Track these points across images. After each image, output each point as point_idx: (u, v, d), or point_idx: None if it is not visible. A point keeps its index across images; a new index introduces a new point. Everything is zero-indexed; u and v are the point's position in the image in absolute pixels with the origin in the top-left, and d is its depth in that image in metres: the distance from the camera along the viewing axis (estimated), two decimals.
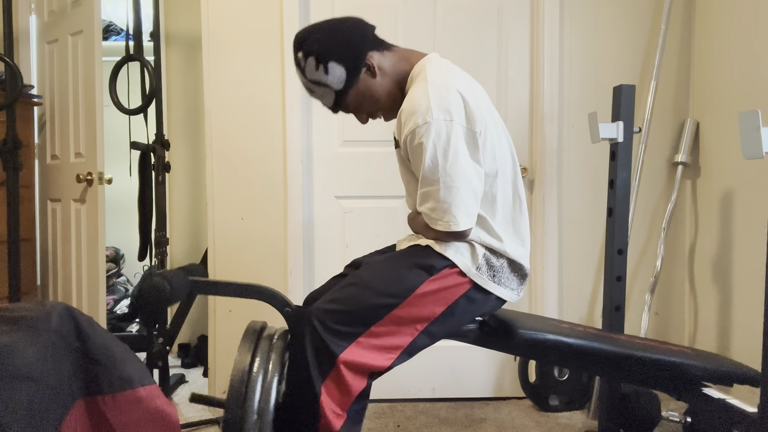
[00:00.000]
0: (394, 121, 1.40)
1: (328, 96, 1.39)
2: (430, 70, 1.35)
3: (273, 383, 1.21)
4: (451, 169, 1.25)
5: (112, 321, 3.21)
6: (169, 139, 2.57)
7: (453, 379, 2.41)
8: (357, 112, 1.45)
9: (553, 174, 2.37)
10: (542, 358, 2.05)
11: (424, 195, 1.30)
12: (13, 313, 1.07)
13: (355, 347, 1.25)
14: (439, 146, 1.25)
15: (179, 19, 3.09)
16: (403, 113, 1.31)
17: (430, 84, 1.30)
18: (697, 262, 2.36)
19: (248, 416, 1.16)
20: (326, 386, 1.22)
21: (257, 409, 1.17)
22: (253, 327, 1.34)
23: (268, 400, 1.18)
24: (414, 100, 1.29)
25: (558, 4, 2.35)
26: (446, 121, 1.26)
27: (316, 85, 1.38)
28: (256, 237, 2.36)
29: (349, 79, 1.36)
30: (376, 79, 1.38)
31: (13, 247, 2.33)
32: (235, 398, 1.17)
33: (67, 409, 1.07)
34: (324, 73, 1.34)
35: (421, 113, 1.26)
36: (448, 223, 1.27)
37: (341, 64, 1.34)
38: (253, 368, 1.21)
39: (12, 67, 2.24)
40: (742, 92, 2.09)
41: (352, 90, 1.38)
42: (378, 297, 1.27)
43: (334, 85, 1.36)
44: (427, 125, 1.25)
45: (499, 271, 1.36)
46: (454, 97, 1.29)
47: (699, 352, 1.68)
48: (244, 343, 1.27)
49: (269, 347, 1.27)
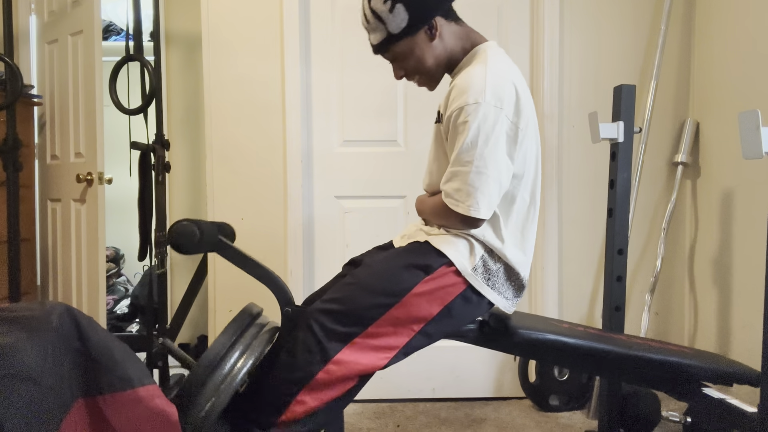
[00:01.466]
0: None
1: (378, 33, 1.36)
2: (491, 55, 1.34)
3: (245, 366, 1.22)
4: (488, 155, 1.24)
5: (112, 321, 3.21)
6: (169, 139, 2.56)
7: (453, 379, 2.41)
8: (397, 63, 1.42)
9: (553, 174, 2.37)
10: (542, 358, 2.05)
11: (453, 174, 1.28)
12: (13, 313, 1.07)
13: (351, 348, 1.25)
14: (482, 130, 1.24)
15: (179, 19, 3.09)
16: (455, 88, 1.29)
17: (490, 68, 1.29)
18: (697, 262, 2.36)
19: (210, 381, 1.18)
20: (310, 385, 1.23)
21: (221, 379, 1.19)
22: (249, 309, 1.35)
23: (235, 377, 1.20)
24: (470, 78, 1.28)
25: (558, 4, 2.35)
26: (496, 108, 1.25)
27: (374, 16, 1.34)
28: (256, 237, 2.36)
29: (408, 29, 1.33)
30: (432, 42, 1.36)
31: (13, 247, 2.33)
32: (205, 363, 1.20)
33: (67, 409, 1.07)
34: (389, 10, 1.32)
35: (474, 93, 1.25)
36: (469, 207, 1.26)
37: (408, 11, 1.32)
38: (234, 346, 1.23)
39: (12, 67, 2.24)
40: (742, 92, 2.09)
41: (404, 41, 1.35)
42: (374, 297, 1.27)
43: (390, 26, 1.33)
44: (477, 106, 1.24)
45: (494, 276, 1.35)
46: (509, 87, 1.29)
47: (699, 352, 1.68)
48: (237, 321, 1.29)
49: (255, 335, 1.29)
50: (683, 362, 1.51)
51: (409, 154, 2.40)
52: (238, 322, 1.30)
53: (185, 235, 1.26)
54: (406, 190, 2.40)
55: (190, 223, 1.28)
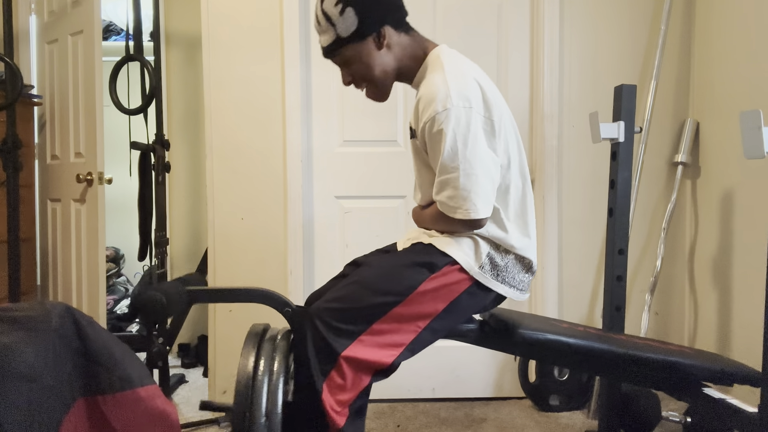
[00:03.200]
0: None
1: (328, 35, 1.36)
2: (445, 59, 1.34)
3: (279, 383, 1.20)
4: (471, 156, 1.25)
5: (112, 321, 3.21)
6: (169, 139, 2.57)
7: (453, 379, 2.41)
8: (345, 68, 1.42)
9: (553, 174, 2.36)
10: (542, 358, 2.05)
11: (443, 183, 1.29)
12: (13, 313, 1.07)
13: (357, 345, 1.24)
14: (459, 133, 1.24)
15: (179, 19, 3.09)
16: (421, 100, 1.30)
17: (448, 72, 1.29)
18: (697, 262, 2.36)
19: (256, 419, 1.15)
20: (328, 384, 1.22)
21: (265, 411, 1.16)
22: (254, 330, 1.33)
23: (275, 401, 1.18)
24: (433, 86, 1.28)
25: (558, 4, 2.35)
26: (465, 108, 1.25)
27: (325, 18, 1.34)
28: (256, 237, 2.36)
29: (356, 34, 1.33)
30: (380, 51, 1.37)
31: (13, 247, 2.33)
32: (241, 402, 1.17)
33: (67, 409, 1.07)
34: (339, 13, 1.32)
35: (440, 100, 1.25)
36: (467, 210, 1.26)
37: (357, 16, 1.32)
38: (258, 371, 1.21)
39: (12, 67, 2.24)
40: (742, 92, 2.09)
41: (352, 46, 1.35)
42: (379, 295, 1.27)
43: (340, 29, 1.33)
44: (447, 112, 1.24)
45: (503, 270, 1.35)
46: (472, 85, 1.30)
47: (699, 352, 1.68)
48: (247, 346, 1.27)
49: (273, 348, 1.27)
50: (683, 362, 1.51)
51: (409, 154, 2.38)
52: (251, 341, 1.28)
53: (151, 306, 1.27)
54: (406, 190, 2.40)
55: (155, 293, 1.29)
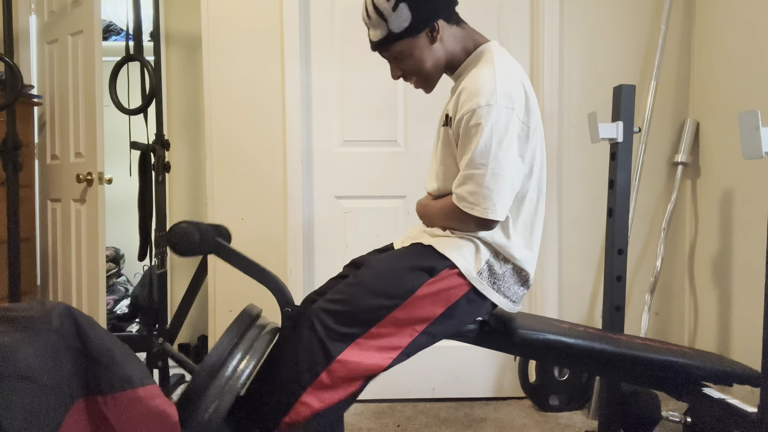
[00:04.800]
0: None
1: (379, 29, 1.34)
2: (497, 55, 1.33)
3: (247, 369, 1.21)
4: (503, 157, 1.24)
5: (112, 321, 3.21)
6: (169, 139, 2.56)
7: (453, 379, 2.41)
8: (395, 63, 1.41)
9: (553, 174, 2.36)
10: (542, 358, 2.05)
11: (467, 177, 1.27)
12: (13, 313, 1.07)
13: (353, 348, 1.24)
14: (496, 132, 1.23)
15: (179, 19, 3.09)
16: (464, 91, 1.28)
17: (498, 68, 1.28)
18: (697, 262, 2.36)
19: (213, 385, 1.17)
20: (315, 385, 1.22)
21: (224, 382, 1.18)
22: (249, 311, 1.34)
23: (238, 379, 1.19)
24: (480, 80, 1.27)
25: (558, 4, 2.35)
26: (508, 109, 1.24)
27: (376, 12, 1.33)
28: (256, 237, 2.36)
29: (409, 29, 1.32)
30: (433, 45, 1.35)
31: (13, 247, 2.33)
32: (207, 367, 1.19)
33: (67, 409, 1.07)
34: (392, 8, 1.30)
35: (485, 95, 1.24)
36: (486, 210, 1.25)
37: (411, 11, 1.30)
38: (235, 349, 1.23)
39: (12, 67, 2.24)
40: (742, 92, 2.09)
41: (404, 41, 1.34)
42: (378, 298, 1.27)
43: (392, 24, 1.32)
44: (489, 108, 1.23)
45: (500, 279, 1.35)
46: (519, 87, 1.29)
47: (699, 352, 1.68)
48: (237, 323, 1.28)
49: (256, 336, 1.28)
50: (683, 362, 1.51)
51: (409, 154, 2.40)
52: (239, 323, 1.29)
53: (184, 236, 1.26)
54: (406, 190, 2.40)
55: (189, 225, 1.28)
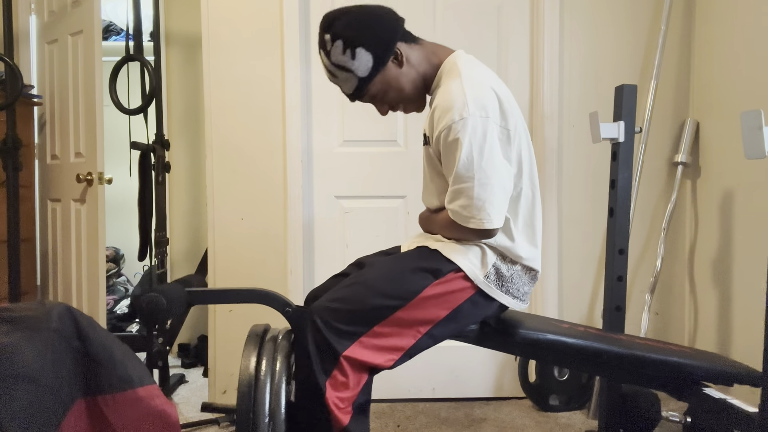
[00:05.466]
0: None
1: (350, 82, 1.36)
2: (462, 66, 1.34)
3: (281, 383, 1.21)
4: (487, 166, 1.24)
5: (112, 321, 3.21)
6: (169, 139, 2.57)
7: (453, 379, 2.41)
8: (379, 101, 1.42)
9: (553, 174, 2.36)
10: (542, 358, 2.04)
11: (456, 192, 1.28)
12: (13, 313, 1.07)
13: (357, 346, 1.24)
14: (475, 143, 1.24)
15: (179, 19, 3.09)
16: (437, 109, 1.29)
17: (465, 80, 1.29)
18: (697, 262, 2.36)
19: (259, 419, 1.16)
20: (330, 383, 1.22)
21: (268, 411, 1.17)
22: (255, 331, 1.34)
23: (278, 402, 1.18)
24: (449, 95, 1.27)
25: (558, 4, 2.35)
26: (482, 118, 1.25)
27: (339, 69, 1.34)
28: (256, 237, 2.36)
29: (376, 67, 1.33)
30: (402, 69, 1.36)
31: (13, 247, 2.33)
32: (245, 403, 1.17)
33: (67, 409, 1.07)
34: (351, 58, 1.32)
35: (457, 109, 1.24)
36: (481, 220, 1.26)
37: (369, 51, 1.32)
38: (260, 371, 1.22)
39: (12, 67, 2.24)
40: (742, 92, 2.09)
41: (376, 79, 1.35)
42: (382, 298, 1.27)
43: (359, 71, 1.33)
44: (464, 121, 1.23)
45: (508, 281, 1.35)
46: (489, 93, 1.29)
47: (699, 352, 1.68)
48: (248, 347, 1.27)
49: (274, 348, 1.27)
50: (683, 362, 1.51)
51: (409, 154, 2.40)
52: (251, 345, 1.28)
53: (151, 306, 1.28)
54: (406, 190, 2.40)
55: (155, 294, 1.30)
